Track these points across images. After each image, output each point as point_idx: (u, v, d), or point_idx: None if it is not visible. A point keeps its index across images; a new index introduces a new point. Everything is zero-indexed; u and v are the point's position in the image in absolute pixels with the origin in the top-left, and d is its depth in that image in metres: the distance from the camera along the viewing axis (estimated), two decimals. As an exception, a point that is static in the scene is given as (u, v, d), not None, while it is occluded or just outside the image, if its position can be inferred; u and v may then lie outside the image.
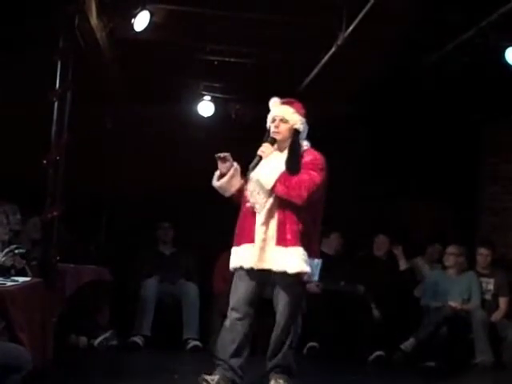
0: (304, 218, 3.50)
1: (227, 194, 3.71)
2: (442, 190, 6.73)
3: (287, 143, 3.60)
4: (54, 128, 4.16)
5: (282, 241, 3.47)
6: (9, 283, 3.40)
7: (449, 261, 5.83)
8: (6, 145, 5.66)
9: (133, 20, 4.79)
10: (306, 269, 3.48)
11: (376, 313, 5.77)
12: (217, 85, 6.10)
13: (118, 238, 6.21)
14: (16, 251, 3.80)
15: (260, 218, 3.52)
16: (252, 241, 3.51)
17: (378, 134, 6.65)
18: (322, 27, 4.81)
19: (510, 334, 5.52)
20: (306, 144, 3.65)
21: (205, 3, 4.72)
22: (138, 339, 5.40)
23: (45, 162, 4.11)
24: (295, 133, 3.61)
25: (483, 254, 5.86)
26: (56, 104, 4.19)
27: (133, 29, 4.84)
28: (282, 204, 3.50)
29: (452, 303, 5.57)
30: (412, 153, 6.73)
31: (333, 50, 4.96)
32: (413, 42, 5.09)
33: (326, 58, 5.16)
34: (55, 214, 4.07)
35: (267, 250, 3.50)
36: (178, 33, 5.25)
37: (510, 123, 6.63)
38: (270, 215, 3.51)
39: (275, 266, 3.49)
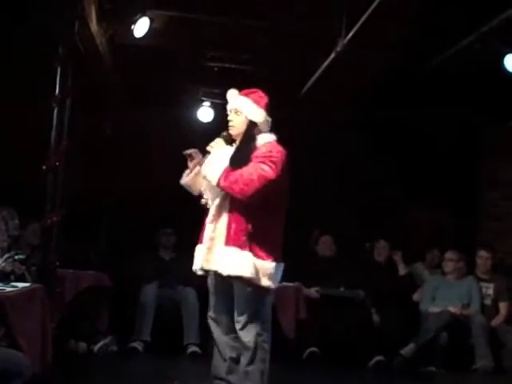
0: (256, 217, 3.19)
1: (195, 193, 3.51)
2: (442, 195, 6.74)
3: (241, 137, 3.35)
4: (53, 134, 4.17)
5: (228, 241, 3.21)
6: (8, 289, 3.40)
7: (448, 267, 5.83)
8: (5, 150, 5.67)
9: (133, 26, 4.80)
10: (246, 274, 3.15)
11: (376, 318, 5.76)
12: (216, 91, 6.11)
13: (117, 243, 6.20)
14: (16, 257, 3.81)
15: (209, 216, 3.31)
16: (202, 241, 3.34)
17: (378, 139, 6.67)
18: (321, 33, 4.82)
19: (510, 339, 5.52)
20: (268, 138, 3.32)
21: (204, 10, 4.74)
22: (137, 345, 5.39)
23: (44, 167, 4.11)
24: (250, 125, 3.31)
25: (483, 257, 5.86)
26: (56, 110, 4.19)
27: (133, 35, 4.85)
28: (232, 201, 3.24)
29: (452, 308, 5.56)
30: (412, 158, 6.74)
31: (332, 55, 4.97)
32: (413, 47, 5.10)
33: (326, 63, 5.17)
34: (55, 219, 4.08)
35: (214, 251, 3.27)
36: (178, 39, 5.27)
37: (509, 128, 6.65)
38: (218, 213, 3.28)
39: (219, 267, 3.23)
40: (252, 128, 3.32)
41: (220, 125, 6.29)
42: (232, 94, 3.43)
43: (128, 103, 6.15)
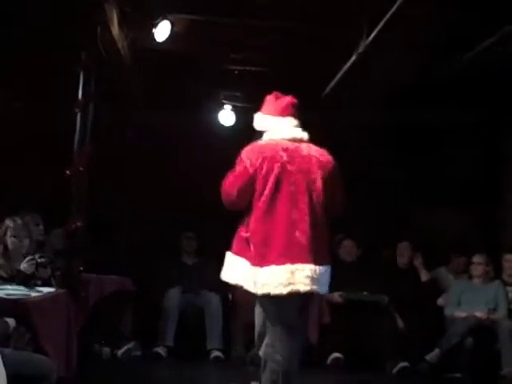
0: (248, 223, 3.17)
1: None
2: (465, 199, 6.66)
3: None
4: (76, 138, 4.18)
5: (231, 247, 3.30)
6: (33, 294, 3.41)
7: (477, 270, 5.74)
8: (28, 155, 5.72)
9: (154, 30, 4.81)
10: (232, 281, 3.21)
11: (400, 323, 5.70)
12: (237, 94, 6.10)
13: (141, 247, 6.21)
14: (38, 260, 3.81)
15: None
16: None
17: (400, 142, 6.61)
18: (342, 35, 4.79)
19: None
20: (260, 140, 3.33)
21: (225, 12, 4.73)
22: (161, 350, 5.39)
23: (68, 172, 4.12)
24: (255, 134, 3.38)
25: (510, 261, 5.77)
26: (79, 115, 4.21)
27: (154, 39, 4.86)
28: None
29: (478, 313, 5.48)
30: (434, 161, 6.68)
31: (353, 58, 4.94)
32: (433, 50, 5.06)
33: (347, 65, 5.14)
34: (79, 224, 4.08)
35: None
36: (199, 42, 5.27)
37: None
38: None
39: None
40: (255, 137, 3.33)
41: (242, 128, 6.37)
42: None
43: (150, 107, 6.16)
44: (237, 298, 5.83)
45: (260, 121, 3.37)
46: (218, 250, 6.04)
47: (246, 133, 6.91)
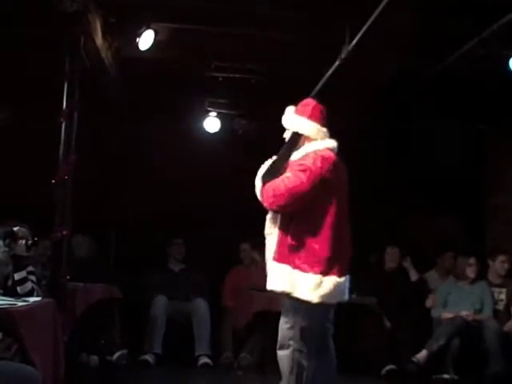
0: (292, 229, 3.09)
1: None
2: (449, 202, 6.72)
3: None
4: (61, 148, 4.19)
5: (274, 255, 3.13)
6: (20, 303, 3.40)
7: (471, 272, 5.78)
8: (12, 166, 5.70)
9: (137, 39, 4.84)
10: (278, 288, 3.07)
11: (387, 324, 5.73)
12: (222, 101, 6.13)
13: (127, 255, 6.21)
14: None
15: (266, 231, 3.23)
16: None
17: (386, 147, 6.66)
18: (324, 42, 4.84)
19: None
20: (316, 146, 3.19)
21: (208, 21, 4.77)
22: (148, 357, 5.39)
23: (53, 181, 4.12)
24: (293, 136, 3.25)
25: (504, 261, 5.82)
26: (63, 124, 4.22)
27: (138, 48, 4.88)
28: (280, 215, 3.15)
29: (464, 314, 5.53)
30: (418, 164, 6.73)
31: (336, 63, 4.98)
32: (416, 53, 5.11)
33: (330, 72, 5.18)
34: (64, 233, 4.09)
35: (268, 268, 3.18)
36: (183, 50, 5.30)
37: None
38: (270, 228, 3.19)
39: (269, 284, 3.14)
40: (295, 139, 3.23)
41: (226, 134, 6.40)
42: (287, 110, 3.34)
43: (134, 115, 6.17)
44: (226, 304, 5.86)
45: (306, 126, 3.25)
46: (206, 257, 6.14)
47: (230, 139, 6.97)
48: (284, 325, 3.16)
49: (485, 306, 5.66)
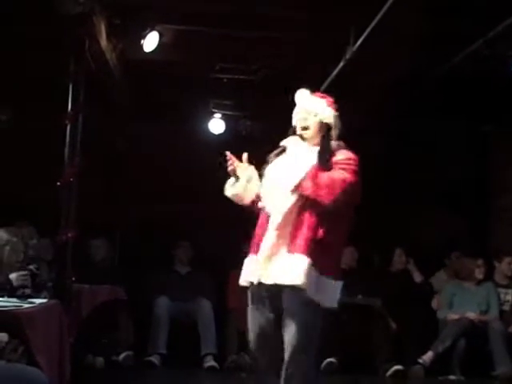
0: (323, 225, 2.90)
1: (246, 201, 3.19)
2: (454, 203, 6.70)
3: (317, 139, 3.07)
4: (67, 150, 4.19)
5: (291, 247, 2.89)
6: (25, 305, 3.41)
7: (481, 273, 5.77)
8: (18, 167, 5.72)
9: (142, 41, 4.84)
10: (298, 282, 2.82)
11: (393, 326, 5.72)
12: (227, 102, 6.13)
13: (132, 257, 6.22)
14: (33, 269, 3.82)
15: (274, 221, 2.96)
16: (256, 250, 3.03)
17: (390, 147, 6.65)
18: (330, 42, 4.84)
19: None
20: (338, 143, 3.09)
21: (213, 22, 4.77)
22: (154, 358, 5.39)
23: (59, 183, 4.13)
24: (326, 128, 3.07)
25: (510, 262, 5.82)
26: (68, 126, 4.22)
27: (142, 49, 4.88)
28: (302, 206, 2.93)
29: (470, 315, 5.51)
30: (421, 165, 6.72)
31: (341, 64, 4.98)
32: (421, 54, 5.10)
33: (335, 72, 5.18)
34: (69, 235, 4.09)
35: (276, 260, 2.93)
36: (187, 52, 5.31)
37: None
38: (285, 220, 2.93)
39: (279, 278, 2.91)
40: (328, 131, 3.09)
41: (231, 136, 6.40)
42: (303, 94, 3.12)
43: (139, 117, 6.18)
44: (231, 306, 5.85)
45: (337, 123, 3.12)
46: (210, 258, 6.14)
47: (235, 140, 6.99)
48: (292, 327, 2.94)
49: (491, 307, 5.66)
